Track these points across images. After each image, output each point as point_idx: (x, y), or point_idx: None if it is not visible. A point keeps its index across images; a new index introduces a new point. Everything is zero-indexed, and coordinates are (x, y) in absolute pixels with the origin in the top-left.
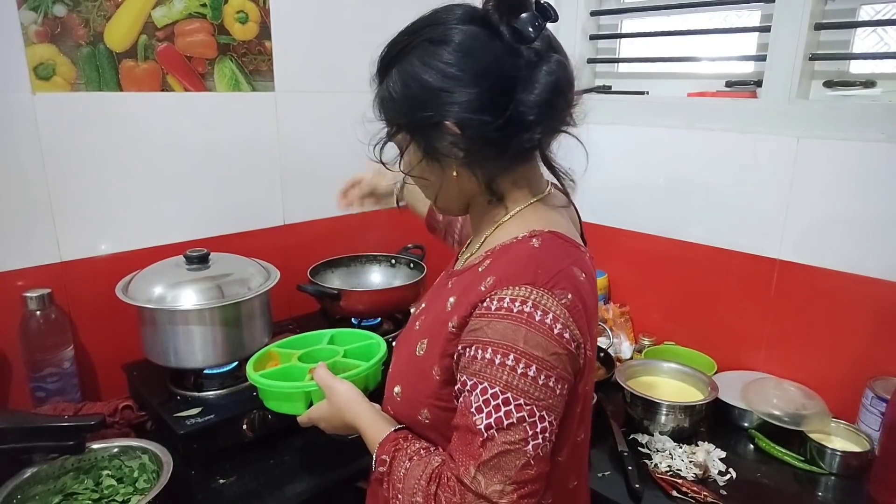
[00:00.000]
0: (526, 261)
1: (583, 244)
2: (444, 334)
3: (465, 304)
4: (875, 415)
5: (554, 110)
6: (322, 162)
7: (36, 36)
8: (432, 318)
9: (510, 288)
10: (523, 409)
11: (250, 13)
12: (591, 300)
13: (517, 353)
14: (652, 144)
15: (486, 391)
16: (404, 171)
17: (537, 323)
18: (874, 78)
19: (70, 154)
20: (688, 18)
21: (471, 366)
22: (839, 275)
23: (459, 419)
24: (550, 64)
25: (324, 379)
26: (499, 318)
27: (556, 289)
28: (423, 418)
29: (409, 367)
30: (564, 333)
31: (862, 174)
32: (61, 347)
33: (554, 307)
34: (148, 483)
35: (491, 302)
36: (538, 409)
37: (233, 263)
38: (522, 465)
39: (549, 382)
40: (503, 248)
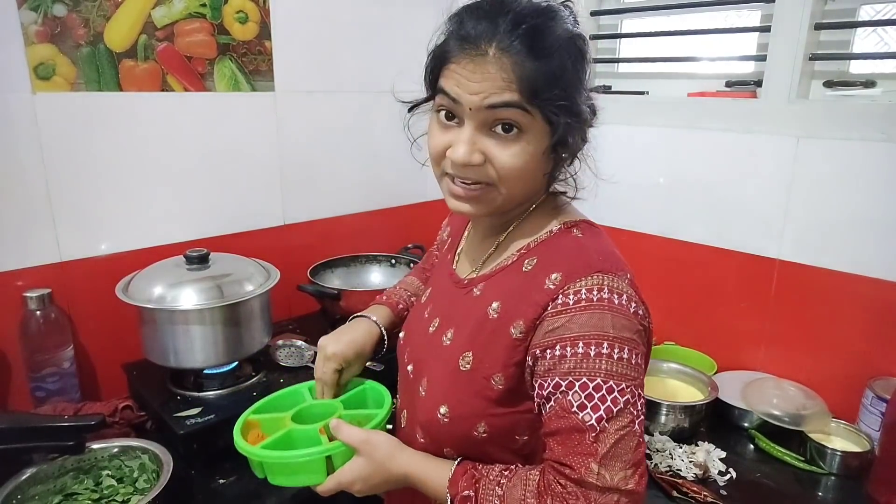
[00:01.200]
0: (583, 251)
1: None
2: (503, 342)
3: (531, 307)
4: (875, 415)
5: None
6: (322, 162)
7: (36, 36)
8: (471, 328)
9: (582, 279)
10: (626, 392)
11: (250, 13)
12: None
13: (610, 339)
14: (652, 144)
15: (586, 386)
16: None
17: (617, 307)
18: (874, 78)
19: (70, 154)
20: (688, 18)
21: (560, 365)
22: (839, 275)
23: (558, 423)
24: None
25: (356, 435)
26: (580, 310)
27: (619, 271)
28: (480, 433)
29: (455, 383)
30: (639, 311)
31: (862, 174)
32: (61, 347)
33: (625, 288)
34: (148, 483)
35: (567, 297)
36: (636, 388)
37: (233, 263)
38: (636, 445)
39: (639, 360)
40: (543, 244)
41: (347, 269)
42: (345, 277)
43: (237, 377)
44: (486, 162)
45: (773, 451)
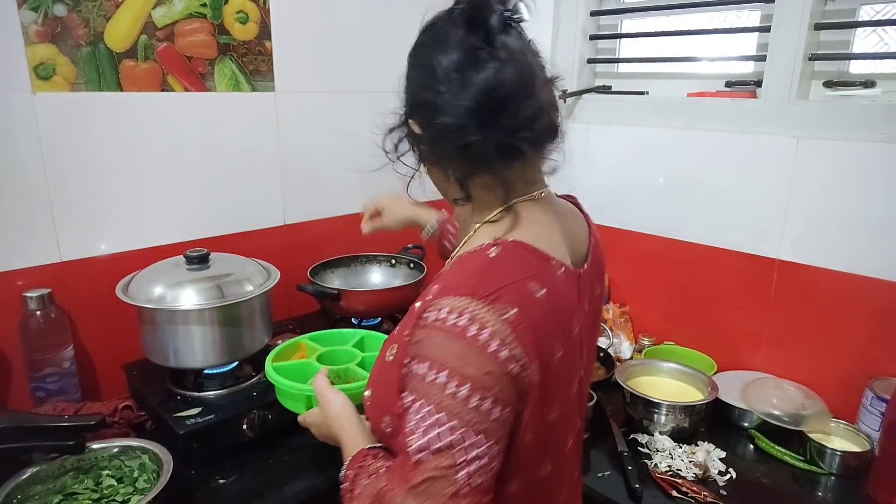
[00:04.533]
0: (473, 271)
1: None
2: (402, 342)
3: (415, 313)
4: (875, 415)
5: (478, 116)
6: (322, 162)
7: (36, 36)
8: (403, 322)
9: (450, 298)
10: (455, 432)
11: (250, 13)
12: (549, 318)
13: (449, 370)
14: (652, 144)
15: (420, 409)
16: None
17: (470, 338)
18: (874, 78)
19: (70, 154)
20: (688, 18)
21: (411, 381)
22: (839, 275)
23: (400, 438)
24: (489, 69)
25: (318, 387)
26: (436, 329)
27: (499, 302)
28: (386, 426)
29: (379, 372)
30: (502, 352)
31: (862, 174)
32: (61, 347)
33: (492, 321)
34: (148, 483)
35: (430, 312)
36: (472, 433)
37: (233, 263)
38: (452, 493)
39: (482, 405)
40: (464, 257)
41: (347, 269)
42: (345, 277)
43: (237, 377)
44: None
45: (772, 451)
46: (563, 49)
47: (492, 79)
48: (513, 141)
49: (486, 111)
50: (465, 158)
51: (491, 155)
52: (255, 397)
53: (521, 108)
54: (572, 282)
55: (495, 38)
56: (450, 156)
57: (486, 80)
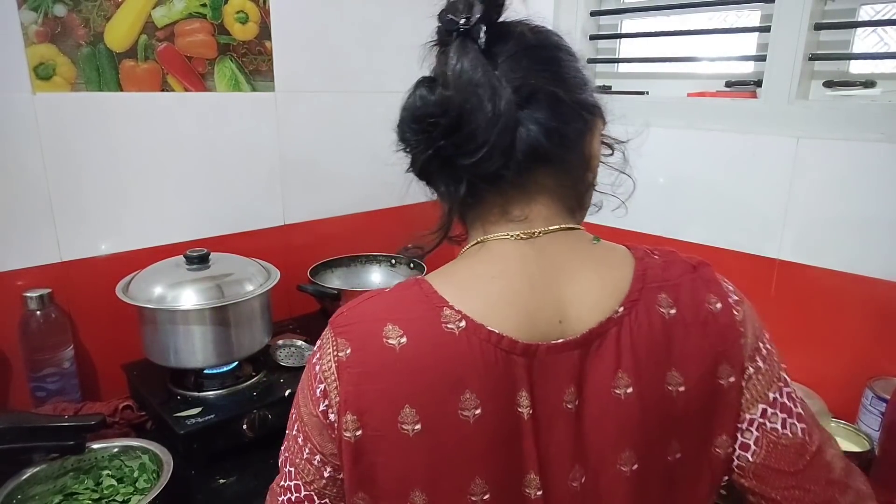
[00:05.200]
0: (358, 298)
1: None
2: None
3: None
4: (875, 415)
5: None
6: (322, 162)
7: (36, 36)
8: None
9: (327, 329)
10: (282, 454)
11: (250, 13)
12: (400, 374)
13: (296, 392)
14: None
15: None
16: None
17: (311, 364)
18: (874, 78)
19: (70, 154)
20: (688, 18)
21: None
22: (839, 275)
23: None
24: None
25: None
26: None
27: (341, 337)
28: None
29: None
30: (318, 389)
31: (862, 174)
32: (61, 347)
33: (326, 355)
34: (148, 483)
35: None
36: (288, 462)
37: (233, 263)
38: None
39: (298, 437)
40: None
41: (347, 269)
42: (345, 277)
43: (237, 377)
44: None
45: None
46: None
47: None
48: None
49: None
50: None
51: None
52: (256, 397)
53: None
54: (489, 346)
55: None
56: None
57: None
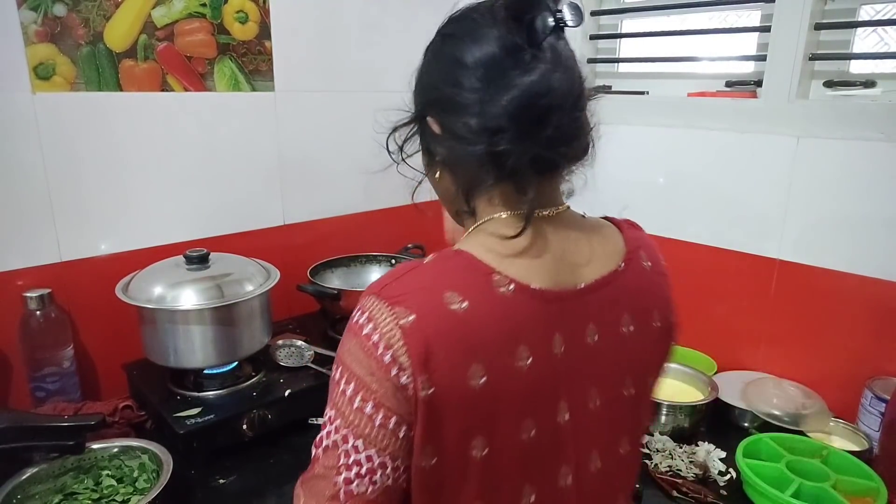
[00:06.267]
0: (395, 272)
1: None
2: None
3: None
4: (874, 415)
5: (521, 124)
6: (322, 162)
7: (36, 36)
8: None
9: (363, 297)
10: (339, 431)
11: (250, 13)
12: (465, 335)
13: (342, 367)
14: (652, 144)
15: (327, 407)
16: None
17: (363, 336)
18: (874, 78)
19: (70, 154)
20: (688, 18)
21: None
22: (839, 275)
23: None
24: (534, 72)
25: None
26: (346, 328)
27: (399, 306)
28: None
29: None
30: (386, 356)
31: (862, 174)
32: (61, 347)
33: (385, 324)
34: (148, 483)
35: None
36: (353, 436)
37: (233, 263)
38: (330, 496)
39: (365, 407)
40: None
41: (347, 269)
42: (345, 277)
43: (237, 377)
44: None
45: None
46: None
47: (538, 82)
48: (550, 155)
49: (527, 118)
50: (488, 167)
51: (522, 167)
52: (255, 397)
53: (564, 120)
54: (534, 302)
55: (542, 39)
56: (468, 161)
57: (532, 83)
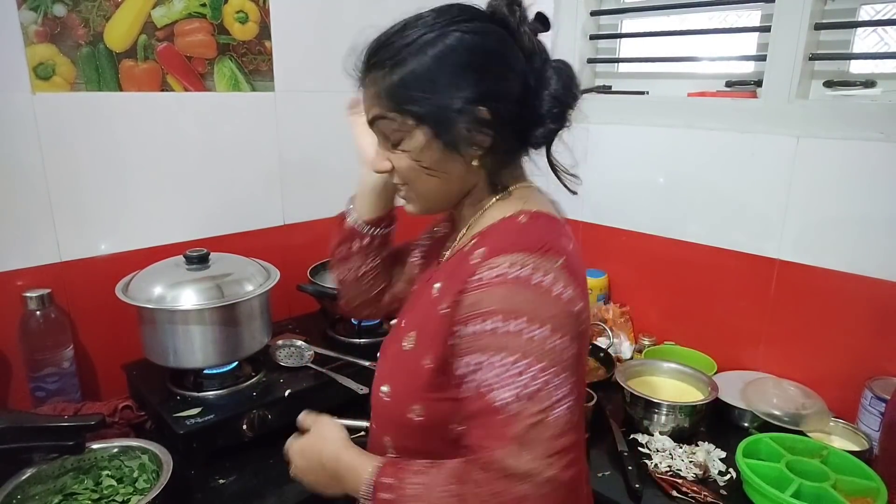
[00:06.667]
0: (515, 233)
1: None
2: (434, 319)
3: (456, 282)
4: (874, 415)
5: (562, 106)
6: (322, 162)
7: (36, 36)
8: (418, 308)
9: (505, 255)
10: (545, 372)
11: (250, 13)
12: (581, 271)
13: (526, 316)
14: (652, 144)
15: (501, 363)
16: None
17: (536, 284)
18: (874, 78)
19: (70, 154)
20: (688, 18)
21: (476, 342)
22: (839, 275)
23: (475, 404)
24: (558, 63)
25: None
26: (497, 284)
27: (549, 253)
28: (416, 415)
29: (397, 363)
30: (564, 294)
31: (862, 174)
32: (61, 347)
33: (549, 268)
34: (148, 483)
35: (484, 272)
36: (559, 372)
37: (233, 263)
38: (553, 435)
39: (560, 344)
40: (491, 227)
41: None
42: None
43: (237, 377)
44: (393, 168)
45: None
46: (563, 49)
47: (572, 74)
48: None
49: (568, 102)
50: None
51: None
52: (255, 397)
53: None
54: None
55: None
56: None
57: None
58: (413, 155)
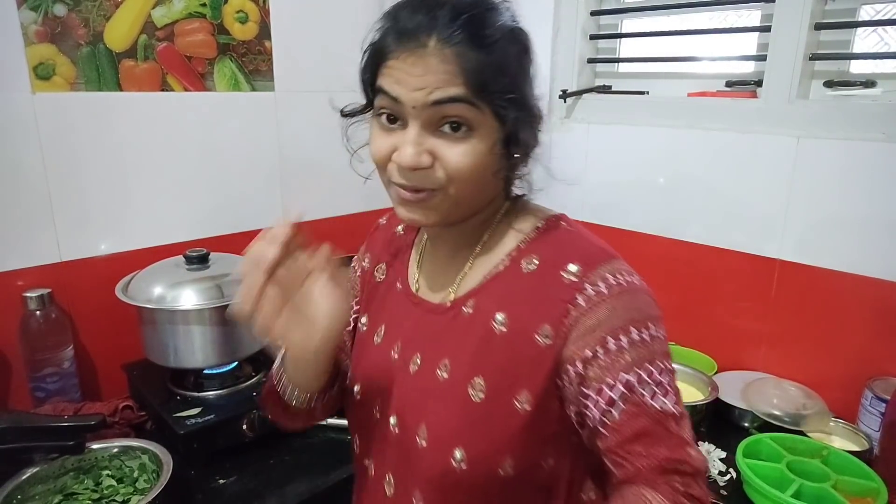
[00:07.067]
0: (587, 240)
1: None
2: (524, 355)
3: (553, 306)
4: (875, 415)
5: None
6: (322, 162)
7: (36, 36)
8: (474, 351)
9: (604, 265)
10: (672, 369)
11: (250, 13)
12: None
13: (653, 319)
14: (652, 144)
15: (651, 373)
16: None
17: (640, 286)
18: (874, 78)
19: (70, 154)
20: (688, 18)
21: (620, 359)
22: (839, 275)
23: (641, 422)
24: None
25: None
26: (616, 296)
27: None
28: (507, 471)
29: (468, 419)
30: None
31: (862, 174)
32: (61, 347)
33: (630, 267)
34: (148, 483)
35: (596, 286)
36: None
37: (233, 263)
38: (689, 425)
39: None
40: (536, 242)
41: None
42: None
43: (237, 377)
44: (435, 163)
45: None
46: (563, 49)
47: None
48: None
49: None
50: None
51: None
52: (255, 397)
53: None
54: None
55: None
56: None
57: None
58: (475, 152)
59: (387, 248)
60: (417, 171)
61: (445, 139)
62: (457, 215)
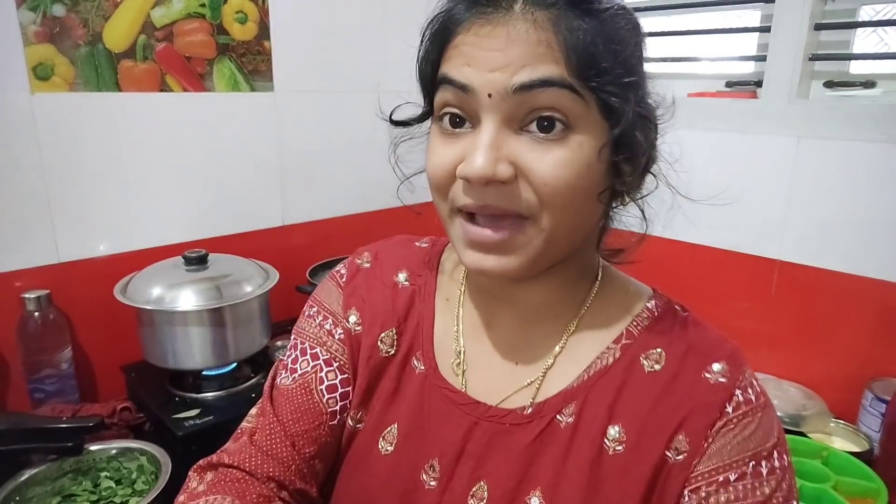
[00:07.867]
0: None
1: None
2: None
3: (693, 413)
4: (875, 416)
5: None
6: (322, 162)
7: (35, 36)
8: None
9: (745, 368)
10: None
11: (249, 13)
12: None
13: (783, 439)
14: None
15: (789, 498)
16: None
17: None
18: (874, 78)
19: (69, 154)
20: (688, 18)
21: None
22: (839, 275)
23: None
24: None
25: None
26: (763, 407)
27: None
28: None
29: None
30: None
31: (862, 174)
32: (59, 349)
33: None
34: (146, 485)
35: (746, 393)
36: None
37: (232, 264)
38: None
39: None
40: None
41: None
42: None
43: (236, 378)
44: (519, 178)
45: None
46: None
47: None
48: None
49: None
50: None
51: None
52: (254, 399)
53: None
54: None
55: None
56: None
57: None
58: (575, 161)
59: (389, 304)
60: (493, 187)
61: (534, 143)
62: (545, 261)
